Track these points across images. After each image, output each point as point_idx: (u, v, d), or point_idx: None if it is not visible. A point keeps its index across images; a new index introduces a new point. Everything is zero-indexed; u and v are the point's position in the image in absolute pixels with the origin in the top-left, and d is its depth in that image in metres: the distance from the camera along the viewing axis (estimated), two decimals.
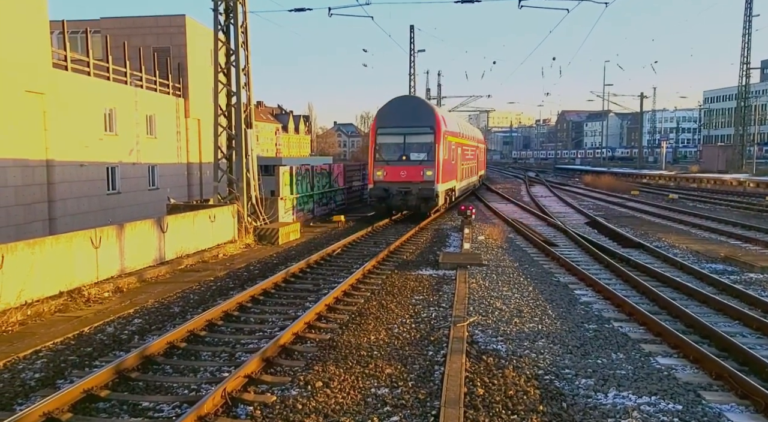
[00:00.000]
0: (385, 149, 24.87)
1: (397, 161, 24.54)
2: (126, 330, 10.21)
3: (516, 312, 11.05)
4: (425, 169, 24.07)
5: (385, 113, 25.18)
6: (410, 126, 24.44)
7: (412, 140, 24.51)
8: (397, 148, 24.74)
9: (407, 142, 24.48)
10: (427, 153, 24.31)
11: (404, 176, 24.19)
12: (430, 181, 24.04)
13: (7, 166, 21.35)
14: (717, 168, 68.95)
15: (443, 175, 24.79)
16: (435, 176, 23.98)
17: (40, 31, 22.98)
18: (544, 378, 7.81)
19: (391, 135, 24.71)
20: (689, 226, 24.14)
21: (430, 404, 6.96)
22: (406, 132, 24.47)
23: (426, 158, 24.27)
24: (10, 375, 7.97)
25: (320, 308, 10.91)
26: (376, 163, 24.68)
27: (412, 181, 24.11)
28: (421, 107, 25.17)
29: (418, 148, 24.53)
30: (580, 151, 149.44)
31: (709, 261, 16.31)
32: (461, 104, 71.89)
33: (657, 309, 11.23)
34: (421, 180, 24.05)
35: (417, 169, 24.23)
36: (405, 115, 24.53)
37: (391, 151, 24.80)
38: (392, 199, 24.33)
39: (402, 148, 24.61)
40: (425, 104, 25.61)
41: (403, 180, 24.18)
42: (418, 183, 24.08)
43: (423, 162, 24.26)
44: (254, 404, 6.97)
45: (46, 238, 12.81)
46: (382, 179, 24.46)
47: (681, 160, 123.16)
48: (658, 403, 7.04)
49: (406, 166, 24.30)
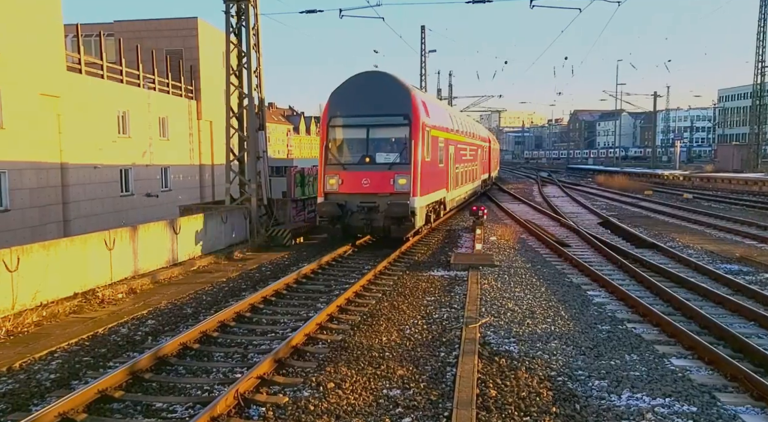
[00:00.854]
0: (340, 147, 18.11)
1: (357, 164, 17.64)
2: (139, 331, 10.28)
3: (528, 313, 11.00)
4: (397, 175, 17.15)
5: (340, 96, 18.03)
6: (376, 114, 17.49)
7: (379, 134, 17.65)
8: (357, 146, 17.96)
9: (372, 137, 17.58)
10: (400, 153, 17.37)
11: (367, 186, 17.26)
12: (403, 193, 17.08)
13: (22, 168, 21.59)
14: (732, 167, 68.28)
15: (424, 183, 17.77)
16: (411, 185, 17.06)
17: (54, 34, 23.23)
18: (557, 379, 7.77)
19: (349, 127, 17.91)
20: (704, 226, 23.91)
21: (443, 405, 6.94)
22: (369, 123, 17.55)
23: (398, 160, 17.32)
24: (26, 376, 8.05)
25: (332, 309, 10.93)
26: (327, 167, 17.75)
27: (379, 192, 17.22)
28: (391, 88, 17.79)
29: (386, 145, 17.71)
30: (592, 150, 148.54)
31: (724, 262, 16.15)
32: (472, 104, 71.79)
33: (671, 310, 11.13)
34: (391, 191, 17.15)
35: (385, 176, 17.25)
36: (368, 99, 17.63)
37: (348, 150, 18.07)
38: (351, 218, 17.40)
39: (364, 145, 17.70)
40: (397, 84, 17.87)
41: (366, 191, 17.30)
42: (387, 195, 17.16)
43: (394, 165, 17.30)
44: (267, 405, 6.99)
45: (61, 240, 12.93)
46: (335, 190, 17.57)
47: (695, 159, 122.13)
48: (672, 405, 6.98)
49: (369, 172, 17.37)
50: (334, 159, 17.81)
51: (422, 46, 53.89)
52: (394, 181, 17.20)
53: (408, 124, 17.28)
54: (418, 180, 17.26)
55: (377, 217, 17.22)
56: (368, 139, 17.66)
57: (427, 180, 18.22)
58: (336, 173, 17.65)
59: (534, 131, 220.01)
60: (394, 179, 17.21)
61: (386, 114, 17.47)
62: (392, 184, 17.19)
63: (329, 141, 17.95)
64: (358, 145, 17.94)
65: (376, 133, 17.65)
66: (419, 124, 17.35)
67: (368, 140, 17.66)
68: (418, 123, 17.32)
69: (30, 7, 21.85)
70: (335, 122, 17.92)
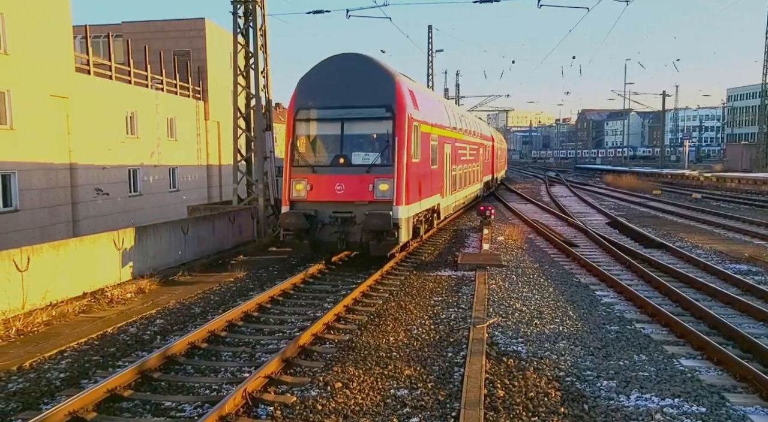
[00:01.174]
0: (309, 146, 15.32)
1: (329, 167, 14.82)
2: (148, 330, 10.33)
3: (536, 313, 10.98)
4: (377, 179, 14.38)
5: (309, 84, 15.26)
6: (352, 105, 14.75)
7: (356, 130, 14.95)
8: (329, 144, 15.18)
9: (347, 133, 14.87)
10: (382, 152, 14.55)
11: (341, 192, 14.50)
12: (385, 201, 14.26)
13: (32, 169, 21.74)
14: (741, 167, 67.87)
15: (411, 188, 14.93)
16: (395, 192, 14.24)
17: (63, 36, 23.38)
18: (565, 379, 7.75)
19: (320, 121, 15.13)
20: (713, 226, 23.78)
21: (450, 405, 6.94)
22: (344, 116, 14.79)
23: (379, 161, 14.50)
24: (36, 375, 8.11)
25: (339, 309, 10.94)
26: (293, 170, 14.95)
27: (355, 200, 14.44)
28: (371, 74, 14.87)
29: (365, 143, 14.92)
30: (600, 150, 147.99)
31: (733, 262, 16.06)
32: (480, 104, 71.70)
33: (680, 310, 11.08)
34: (371, 198, 14.37)
35: (363, 181, 14.41)
36: (343, 88, 14.84)
37: (318, 148, 15.29)
38: (321, 231, 14.50)
39: (338, 143, 14.91)
40: (379, 69, 14.95)
41: (340, 198, 14.52)
42: (365, 204, 14.35)
43: (374, 168, 14.45)
44: (275, 404, 7.01)
45: (70, 240, 13.02)
46: (303, 197, 14.77)
47: (704, 158, 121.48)
48: (681, 405, 6.95)
49: (344, 175, 14.59)
50: (301, 160, 14.98)
51: (429, 45, 53.86)
52: (373, 187, 14.34)
53: (391, 117, 14.46)
54: (404, 185, 14.35)
55: (353, 231, 14.26)
56: (343, 135, 14.80)
57: (415, 184, 15.34)
58: (304, 177, 14.78)
59: (542, 131, 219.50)
60: (373, 184, 14.34)
61: (365, 105, 14.66)
62: (371, 191, 14.34)
63: (296, 138, 15.13)
64: (330, 143, 15.10)
65: (352, 128, 14.85)
66: (405, 117, 14.52)
67: (343, 137, 14.81)
68: (403, 116, 14.49)
69: (39, 9, 22.00)
70: (303, 115, 15.08)
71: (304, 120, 15.14)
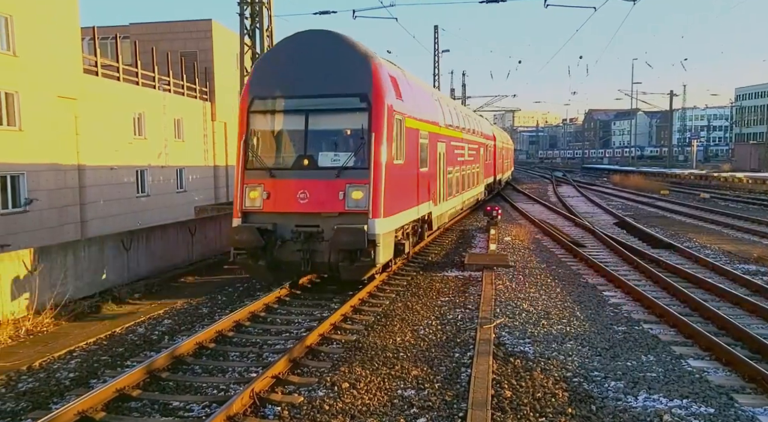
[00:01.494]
0: (266, 144, 12.56)
1: (290, 170, 12.14)
2: (156, 330, 10.38)
3: (543, 313, 10.96)
4: (350, 185, 11.74)
5: (267, 69, 12.64)
6: (319, 94, 12.08)
7: (323, 124, 12.28)
8: (290, 142, 12.50)
9: (312, 127, 12.18)
10: (355, 152, 11.89)
11: (306, 202, 11.77)
12: (359, 212, 11.60)
13: (40, 170, 21.88)
14: (750, 166, 67.49)
15: (392, 196, 12.24)
16: (370, 201, 11.53)
17: (71, 38, 23.52)
18: (572, 380, 7.74)
19: (279, 114, 12.43)
20: (721, 226, 23.65)
21: (457, 406, 6.94)
22: (309, 107, 12.15)
23: (352, 163, 11.83)
24: (45, 375, 8.16)
25: (345, 309, 10.96)
26: (246, 174, 12.24)
27: (323, 211, 11.74)
28: (342, 56, 12.22)
29: (335, 141, 12.30)
30: (607, 150, 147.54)
31: (742, 262, 15.98)
32: (486, 104, 71.57)
33: (688, 310, 11.04)
34: (341, 209, 11.69)
35: (332, 187, 11.77)
36: (308, 72, 12.19)
37: (277, 147, 12.58)
38: (281, 250, 11.83)
39: (301, 141, 12.24)
40: (352, 50, 12.29)
41: (304, 209, 11.79)
42: (335, 216, 11.69)
43: (346, 171, 11.79)
44: (282, 404, 7.03)
45: (79, 241, 13.09)
46: (258, 207, 12.04)
47: (712, 158, 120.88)
48: (689, 406, 6.93)
49: (309, 181, 11.91)
50: (256, 161, 12.19)
51: (435, 46, 53.83)
52: (345, 195, 11.61)
53: (367, 108, 11.83)
54: (382, 192, 11.59)
55: (321, 249, 11.55)
56: (307, 130, 12.07)
57: (397, 191, 12.64)
58: (259, 182, 12.02)
59: (548, 131, 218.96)
60: (345, 191, 11.62)
61: (334, 94, 11.98)
62: (342, 199, 11.61)
63: (250, 134, 12.36)
64: (291, 141, 12.43)
65: (319, 122, 12.14)
66: (384, 108, 11.88)
67: (307, 133, 12.08)
68: (381, 107, 11.84)
69: (48, 11, 22.15)
70: (259, 106, 12.36)
71: (260, 112, 12.41)
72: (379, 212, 11.57)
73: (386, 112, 12.01)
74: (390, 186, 12.06)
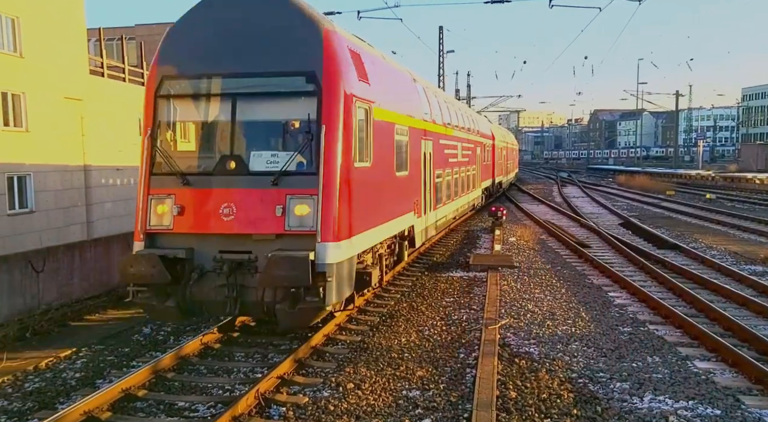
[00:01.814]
0: (179, 140, 9.86)
1: (210, 176, 8.98)
2: (162, 331, 10.41)
3: (548, 314, 10.94)
4: (293, 197, 8.67)
5: (181, 40, 9.43)
6: (249, 73, 9.10)
7: (256, 113, 9.36)
8: (211, 138, 9.51)
9: (242, 118, 9.18)
10: (300, 150, 8.86)
11: (231, 219, 8.72)
12: (303, 234, 8.56)
13: (47, 170, 21.97)
14: (756, 167, 67.18)
15: (355, 210, 9.28)
16: (320, 218, 8.46)
17: (77, 39, 23.62)
18: (577, 381, 7.72)
19: (197, 99, 9.46)
20: (727, 227, 23.55)
21: (462, 406, 6.94)
22: (237, 90, 9.17)
23: (295, 166, 8.86)
24: (52, 375, 8.20)
25: (350, 310, 10.95)
26: (152, 181, 9.19)
27: (254, 232, 8.71)
28: (282, 22, 9.09)
29: (271, 135, 9.47)
30: (613, 150, 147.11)
31: (749, 263, 15.91)
32: (491, 104, 71.46)
33: (694, 311, 10.99)
34: (280, 230, 8.62)
35: (268, 199, 8.71)
36: (236, 44, 9.16)
37: (194, 144, 9.90)
38: (199, 284, 8.72)
39: (226, 135, 9.18)
40: (295, 14, 9.09)
41: (229, 229, 8.75)
42: (271, 238, 8.66)
43: (286, 178, 8.71)
44: (287, 405, 7.04)
45: (85, 241, 13.14)
46: (168, 227, 8.96)
47: (718, 159, 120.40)
48: (695, 408, 6.90)
49: (236, 190, 8.83)
50: (165, 164, 9.06)
51: (440, 46, 53.82)
52: (285, 210, 8.52)
53: (315, 92, 8.73)
54: (336, 205, 8.57)
55: (253, 284, 8.53)
56: (235, 122, 8.98)
57: (362, 203, 9.51)
58: (170, 193, 8.89)
59: (554, 131, 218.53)
60: (285, 205, 8.53)
61: (272, 72, 8.90)
62: (281, 216, 8.50)
63: (157, 127, 9.31)
64: (214, 136, 9.32)
65: (250, 111, 9.15)
66: (339, 92, 8.80)
67: (235, 125, 8.98)
68: (336, 91, 8.77)
69: (54, 12, 22.25)
70: (170, 89, 9.24)
71: (172, 97, 9.26)
72: (331, 233, 8.42)
73: (342, 98, 8.82)
74: (349, 196, 8.95)
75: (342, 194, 8.74)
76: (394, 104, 11.88)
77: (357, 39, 10.84)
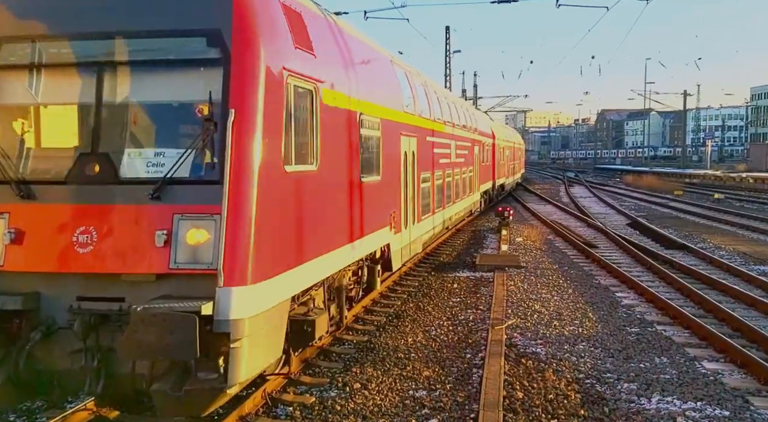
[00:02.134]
0: (17, 132, 6.38)
1: (62, 185, 5.94)
2: None
3: (555, 314, 10.91)
4: (182, 217, 5.64)
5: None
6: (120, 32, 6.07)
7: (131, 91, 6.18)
8: (65, 128, 6.39)
9: (111, 98, 6.11)
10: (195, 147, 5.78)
11: (90, 249, 5.66)
12: (198, 273, 5.58)
13: None
14: (765, 167, 66.80)
15: (283, 232, 6.33)
16: (221, 249, 5.37)
17: None
18: (585, 381, 7.70)
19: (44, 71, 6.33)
20: (736, 227, 23.43)
21: (469, 407, 6.93)
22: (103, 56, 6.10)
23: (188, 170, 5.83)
24: None
25: (357, 310, 10.96)
26: None
27: (125, 270, 5.67)
28: None
29: (153, 124, 6.28)
30: (620, 150, 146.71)
31: (758, 263, 15.81)
32: (498, 104, 71.36)
33: (702, 312, 10.94)
34: (162, 268, 5.59)
35: (145, 220, 5.71)
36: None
37: (38, 138, 6.51)
38: (44, 348, 5.75)
39: (87, 125, 6.13)
40: None
41: (89, 267, 5.68)
42: (151, 279, 5.68)
43: (173, 188, 5.74)
44: (294, 404, 7.05)
45: None
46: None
47: (727, 158, 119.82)
48: (704, 409, 6.87)
49: (99, 207, 5.81)
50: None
51: (447, 46, 53.78)
52: (172, 236, 5.68)
53: (221, 59, 5.93)
54: (248, 229, 5.67)
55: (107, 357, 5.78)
56: (99, 105, 6.12)
57: (302, 223, 6.84)
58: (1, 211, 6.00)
59: (560, 131, 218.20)
60: (172, 230, 5.70)
61: (153, 31, 6.13)
62: (165, 246, 5.67)
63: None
64: (69, 126, 6.51)
65: (122, 88, 6.25)
66: (260, 61, 6.00)
67: (99, 109, 6.13)
68: (254, 58, 5.97)
69: None
70: (7, 56, 6.35)
71: (9, 68, 6.40)
72: (240, 272, 5.59)
73: (264, 70, 6.02)
74: (276, 214, 6.22)
75: (262, 212, 5.81)
76: (360, 88, 9.02)
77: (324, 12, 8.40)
